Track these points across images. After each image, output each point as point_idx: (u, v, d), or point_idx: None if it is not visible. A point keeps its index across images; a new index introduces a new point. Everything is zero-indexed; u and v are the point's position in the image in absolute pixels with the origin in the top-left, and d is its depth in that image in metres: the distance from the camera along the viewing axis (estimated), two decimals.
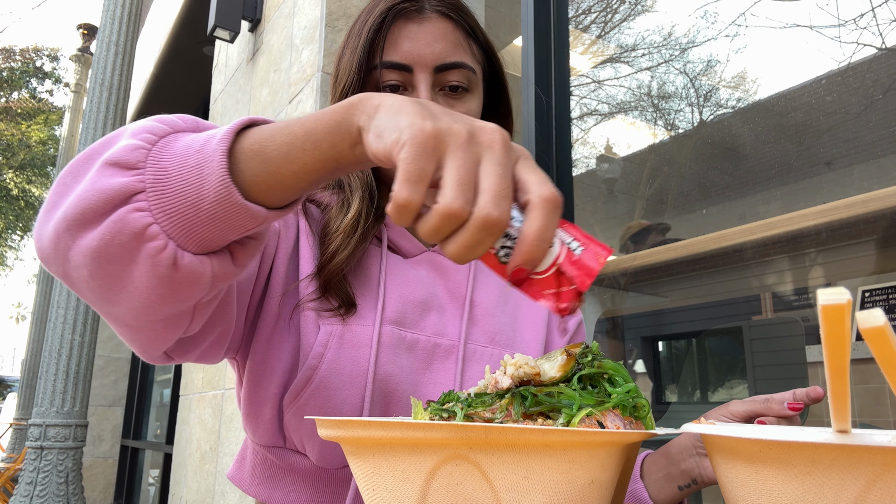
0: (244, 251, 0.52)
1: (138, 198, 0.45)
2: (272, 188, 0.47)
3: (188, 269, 0.47)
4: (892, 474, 0.31)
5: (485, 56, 0.82)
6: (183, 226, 0.46)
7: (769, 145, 2.17)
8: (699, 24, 2.24)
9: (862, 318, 0.28)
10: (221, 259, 0.50)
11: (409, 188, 0.37)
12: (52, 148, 14.54)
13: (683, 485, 0.70)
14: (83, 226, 0.46)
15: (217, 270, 0.50)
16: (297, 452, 0.74)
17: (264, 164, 0.46)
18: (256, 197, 0.47)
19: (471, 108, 0.78)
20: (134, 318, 0.51)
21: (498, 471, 0.39)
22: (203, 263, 0.48)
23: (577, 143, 2.82)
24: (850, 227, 1.34)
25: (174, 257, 0.46)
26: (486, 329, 0.79)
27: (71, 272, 0.49)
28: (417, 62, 0.75)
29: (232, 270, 0.51)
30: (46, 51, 15.31)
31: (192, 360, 0.64)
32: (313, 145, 0.45)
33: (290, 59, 2.37)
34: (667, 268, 1.74)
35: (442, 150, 0.39)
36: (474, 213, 0.37)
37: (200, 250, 0.48)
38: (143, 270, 0.47)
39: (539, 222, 0.38)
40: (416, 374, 0.74)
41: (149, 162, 0.46)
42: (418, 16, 0.76)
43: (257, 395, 0.73)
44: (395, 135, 0.39)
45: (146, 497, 5.78)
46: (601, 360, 0.47)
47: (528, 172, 0.39)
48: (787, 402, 0.63)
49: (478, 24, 0.81)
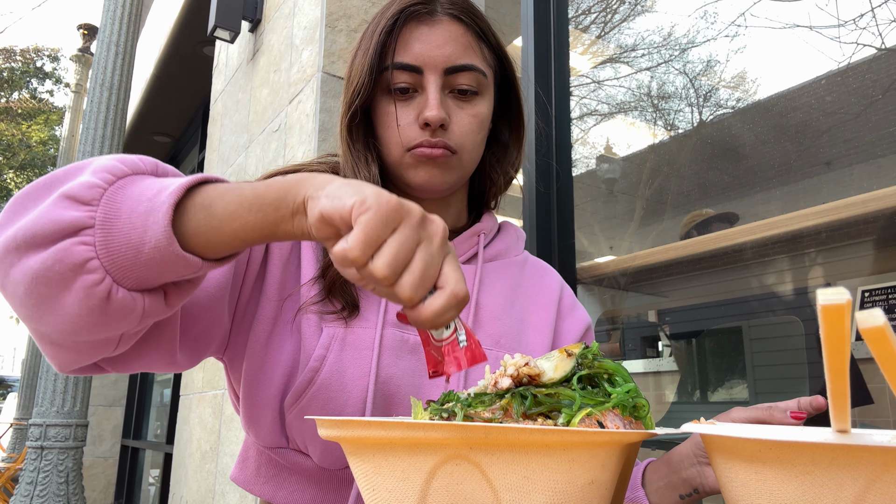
0: (178, 293, 0.55)
1: (86, 232, 0.49)
2: (210, 241, 0.51)
3: (119, 304, 0.50)
4: (891, 474, 0.31)
5: (497, 60, 0.82)
6: (122, 264, 0.49)
7: (769, 145, 2.17)
8: (699, 24, 2.25)
9: (862, 318, 0.28)
10: (154, 298, 0.53)
11: (363, 248, 0.43)
12: (52, 148, 14.54)
13: (685, 494, 0.70)
14: (30, 248, 0.49)
15: (148, 308, 0.53)
16: (300, 453, 0.74)
17: (208, 218, 0.50)
18: (194, 247, 0.51)
19: (480, 112, 0.77)
20: (60, 338, 0.54)
21: (498, 471, 0.39)
22: (135, 300, 0.51)
23: (577, 143, 2.82)
24: (850, 227, 1.34)
25: (108, 291, 0.49)
26: (490, 332, 0.78)
27: (8, 286, 0.52)
28: (427, 64, 0.74)
29: (162, 309, 0.54)
30: (47, 51, 15.31)
31: (135, 370, 0.65)
32: (258, 208, 0.50)
33: (290, 59, 2.37)
34: (667, 268, 1.74)
35: (397, 223, 0.44)
36: (396, 286, 0.44)
37: (135, 287, 0.51)
38: (76, 299, 0.50)
39: (440, 305, 0.45)
40: (419, 376, 0.74)
41: (102, 201, 0.49)
42: (430, 18, 0.76)
43: (256, 398, 0.73)
44: (358, 199, 0.44)
45: (146, 497, 5.78)
46: (601, 360, 0.47)
47: (453, 269, 0.46)
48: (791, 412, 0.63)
49: (490, 27, 0.81)
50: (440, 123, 0.73)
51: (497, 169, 0.86)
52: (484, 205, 0.89)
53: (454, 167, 0.76)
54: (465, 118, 0.76)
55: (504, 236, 0.88)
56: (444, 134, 0.74)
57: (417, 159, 0.74)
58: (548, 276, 0.90)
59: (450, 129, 0.75)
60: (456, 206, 0.85)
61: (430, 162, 0.74)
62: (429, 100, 0.74)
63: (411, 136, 0.74)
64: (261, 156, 2.59)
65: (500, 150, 0.86)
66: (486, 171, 0.86)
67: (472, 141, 0.77)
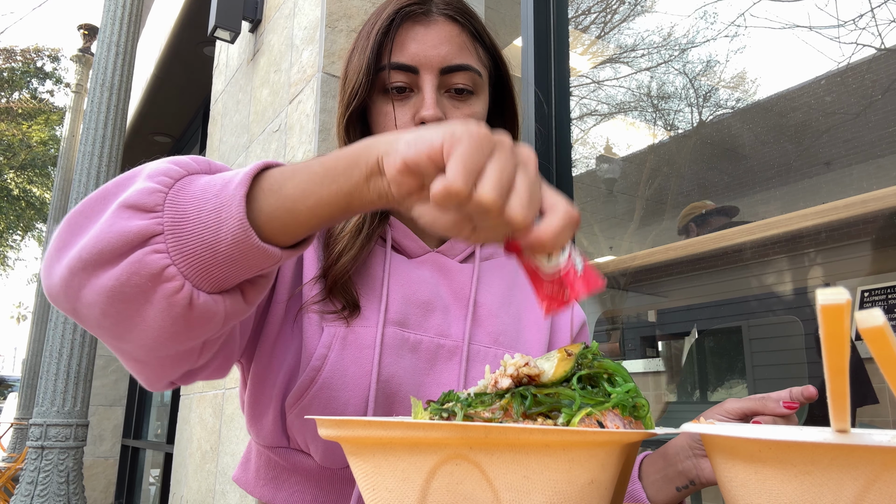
0: (255, 289, 0.53)
1: (156, 240, 0.47)
2: (287, 225, 0.48)
3: (202, 309, 0.49)
4: (891, 474, 0.31)
5: (491, 60, 0.82)
6: (200, 267, 0.47)
7: (768, 145, 2.17)
8: (699, 24, 2.25)
9: (861, 318, 0.28)
10: (233, 298, 0.51)
11: (465, 178, 0.40)
12: (52, 148, 14.54)
13: (681, 486, 0.70)
14: (99, 266, 0.47)
15: (229, 309, 0.51)
16: (301, 452, 0.74)
17: (281, 200, 0.48)
18: (270, 235, 0.48)
19: (475, 111, 0.78)
20: (144, 354, 0.52)
21: (498, 470, 0.39)
22: (217, 302, 0.49)
23: (577, 143, 2.82)
24: (849, 228, 1.34)
25: (190, 297, 0.48)
26: (489, 330, 0.79)
27: (81, 310, 0.50)
28: (423, 63, 0.75)
29: (243, 308, 0.53)
30: (47, 51, 15.31)
31: (197, 381, 0.64)
32: (331, 179, 0.47)
33: (290, 59, 2.37)
34: (667, 268, 1.74)
35: (491, 150, 0.42)
36: (505, 211, 0.41)
37: (214, 290, 0.49)
38: (157, 310, 0.48)
39: (558, 223, 0.42)
40: (420, 375, 0.74)
41: (167, 205, 0.47)
42: (425, 18, 0.77)
43: (261, 397, 0.73)
44: (446, 135, 0.41)
45: (147, 496, 5.78)
46: (601, 359, 0.47)
47: (554, 194, 0.43)
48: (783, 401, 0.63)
49: (485, 28, 0.82)
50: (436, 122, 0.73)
51: None
52: None
53: None
54: (461, 118, 0.76)
55: None
56: None
57: None
58: None
59: None
60: None
61: None
62: (425, 99, 0.74)
63: None
64: (261, 156, 2.59)
65: None
66: None
67: None
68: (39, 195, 14.97)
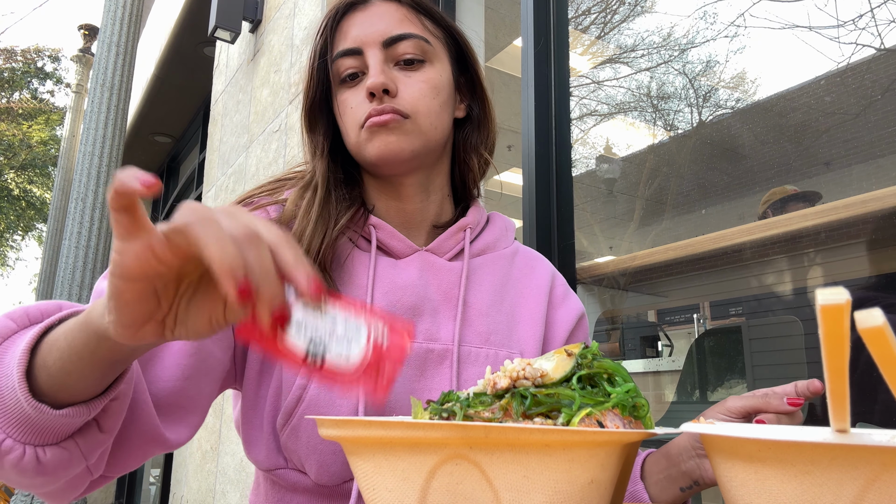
0: (108, 417, 0.53)
1: None
2: (70, 394, 0.48)
3: (54, 461, 0.50)
4: (890, 474, 0.31)
5: (445, 34, 0.82)
6: (29, 432, 0.48)
7: (768, 146, 2.17)
8: (698, 24, 2.25)
9: (861, 318, 0.28)
10: (86, 435, 0.52)
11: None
12: (53, 148, 14.55)
13: (685, 486, 0.70)
14: None
15: (85, 447, 0.51)
16: (299, 472, 0.73)
17: (50, 377, 0.47)
18: (63, 400, 0.48)
19: (430, 76, 0.78)
20: (39, 491, 0.54)
21: (498, 470, 0.39)
22: (68, 447, 0.50)
23: (577, 143, 2.82)
24: (849, 228, 1.34)
25: (35, 457, 0.49)
26: (479, 330, 0.78)
27: None
28: (365, 42, 0.77)
29: (102, 439, 0.53)
30: (48, 51, 15.31)
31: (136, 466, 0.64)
32: (76, 353, 0.46)
33: (290, 59, 2.37)
34: (667, 268, 1.74)
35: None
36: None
37: (58, 440, 0.50)
38: (14, 475, 0.49)
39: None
40: (411, 382, 0.73)
41: None
42: (363, 5, 0.80)
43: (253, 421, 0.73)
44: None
45: (147, 496, 5.78)
46: (601, 359, 0.47)
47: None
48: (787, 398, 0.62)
49: (429, 4, 0.82)
50: (382, 89, 0.74)
51: (471, 151, 0.86)
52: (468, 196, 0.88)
53: (410, 132, 0.75)
54: (415, 84, 0.76)
55: (492, 228, 0.87)
56: (392, 100, 0.75)
57: (370, 130, 0.75)
58: (539, 267, 0.88)
59: (399, 95, 0.75)
60: (437, 192, 0.84)
61: (382, 129, 0.74)
62: (370, 71, 0.75)
63: (362, 111, 0.75)
64: (261, 156, 2.59)
65: (471, 129, 0.86)
66: (460, 155, 0.86)
67: (427, 105, 0.76)
68: (40, 195, 14.98)
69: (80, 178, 3.11)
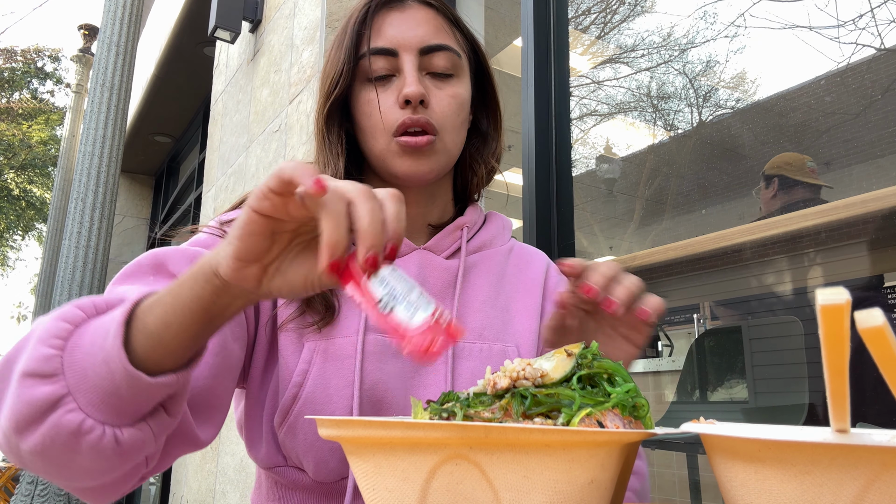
0: (174, 401, 0.55)
1: (65, 401, 0.49)
2: (164, 355, 0.51)
3: (130, 441, 0.52)
4: (890, 474, 0.31)
5: (469, 47, 0.82)
6: (111, 411, 0.50)
7: (768, 145, 2.17)
8: (698, 24, 2.25)
9: (861, 318, 0.28)
10: (156, 418, 0.54)
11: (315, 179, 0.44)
12: (53, 148, 14.56)
13: None
14: (23, 432, 0.50)
15: (156, 429, 0.54)
16: (298, 469, 0.74)
17: (150, 337, 0.50)
18: (155, 366, 0.51)
19: (458, 92, 0.78)
20: (96, 486, 0.55)
21: (498, 470, 0.39)
22: (142, 429, 0.52)
23: (577, 143, 2.82)
24: (850, 227, 1.34)
25: (115, 438, 0.51)
26: (473, 325, 0.78)
27: (28, 464, 0.54)
28: (402, 45, 0.75)
29: (169, 422, 0.55)
30: (48, 51, 15.32)
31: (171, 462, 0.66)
32: (180, 304, 0.49)
33: (290, 59, 2.37)
34: (667, 268, 1.74)
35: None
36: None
37: (135, 421, 0.52)
38: (89, 458, 0.51)
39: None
40: (406, 378, 0.74)
41: (65, 368, 0.50)
42: (400, 5, 0.78)
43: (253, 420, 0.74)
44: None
45: (147, 496, 5.78)
46: (601, 359, 0.47)
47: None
48: (585, 284, 0.59)
49: (459, 17, 0.82)
50: (420, 99, 0.73)
51: (478, 159, 0.86)
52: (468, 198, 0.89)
53: (438, 152, 0.76)
54: (445, 98, 0.76)
55: (489, 227, 0.87)
56: (425, 111, 0.74)
57: (402, 148, 0.74)
58: (534, 261, 0.89)
59: (430, 107, 0.75)
60: (441, 198, 0.84)
61: (416, 151, 0.74)
62: (406, 77, 0.74)
63: (393, 117, 0.74)
64: (261, 156, 2.59)
65: (479, 140, 0.87)
66: (467, 162, 0.86)
67: (453, 122, 0.77)
68: (40, 195, 14.99)
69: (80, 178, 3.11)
